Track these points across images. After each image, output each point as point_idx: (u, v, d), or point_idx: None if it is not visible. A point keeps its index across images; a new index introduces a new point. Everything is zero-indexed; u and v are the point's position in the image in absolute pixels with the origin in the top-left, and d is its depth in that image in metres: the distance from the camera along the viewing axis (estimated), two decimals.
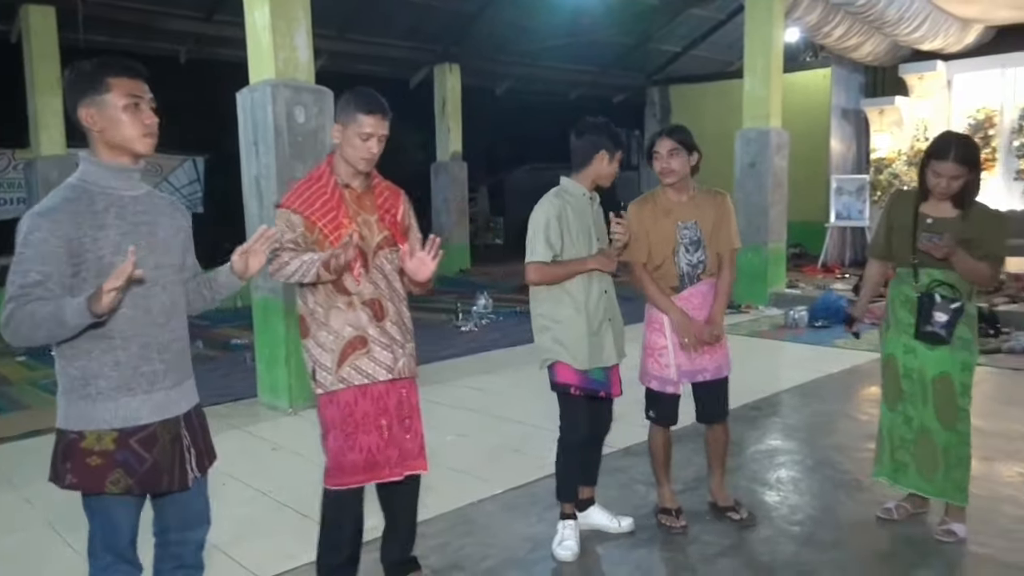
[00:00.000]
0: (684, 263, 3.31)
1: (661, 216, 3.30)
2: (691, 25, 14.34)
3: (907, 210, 3.23)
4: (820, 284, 10.50)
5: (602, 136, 3.11)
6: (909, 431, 3.29)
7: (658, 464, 3.52)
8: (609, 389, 3.23)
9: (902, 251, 3.23)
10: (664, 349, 3.35)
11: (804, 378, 6.12)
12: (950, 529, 3.23)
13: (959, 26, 10.77)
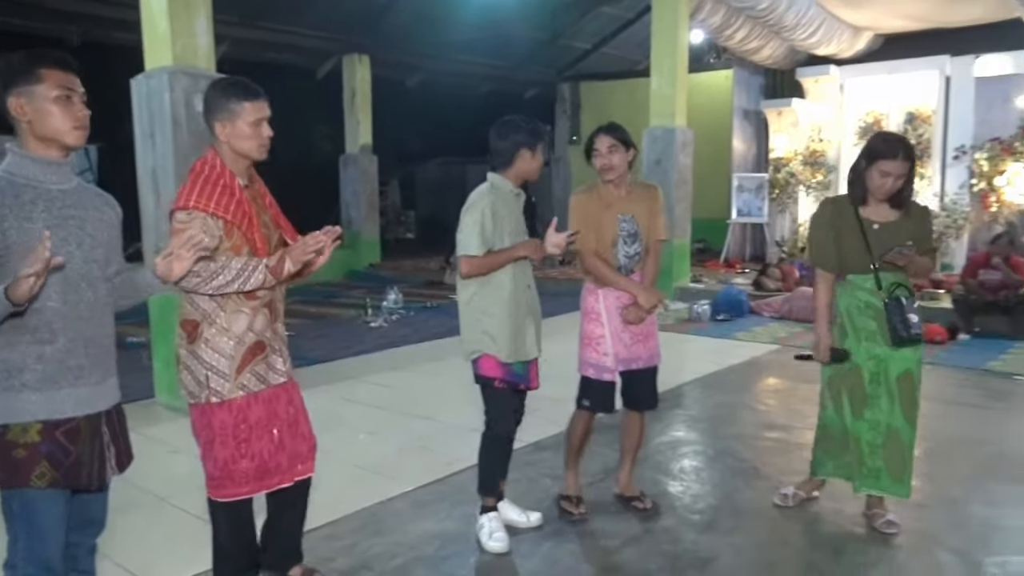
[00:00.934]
0: (622, 255, 3.40)
1: (603, 208, 3.38)
2: (601, 23, 14.58)
3: (850, 218, 3.25)
4: (722, 278, 10.87)
5: (521, 134, 3.15)
6: (878, 435, 3.28)
7: (573, 450, 3.59)
8: (528, 382, 3.30)
9: (856, 259, 3.23)
10: (602, 338, 3.43)
11: (706, 370, 6.34)
12: (890, 520, 3.36)
13: (851, 33, 11.34)
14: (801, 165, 12.23)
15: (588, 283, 3.50)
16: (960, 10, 10.30)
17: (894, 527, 3.33)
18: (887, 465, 3.27)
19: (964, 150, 11.09)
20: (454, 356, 3.29)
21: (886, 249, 3.16)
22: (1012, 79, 10.94)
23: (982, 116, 11.13)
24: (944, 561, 3.11)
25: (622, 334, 3.41)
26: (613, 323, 3.41)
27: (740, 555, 3.16)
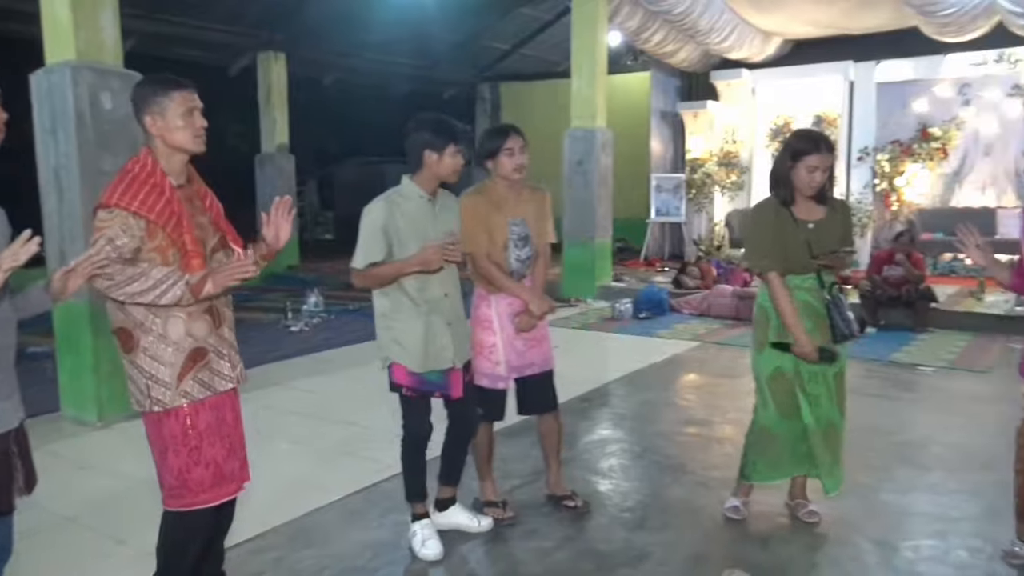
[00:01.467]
0: (514, 259, 3.36)
1: (493, 211, 3.32)
2: (520, 24, 14.64)
3: (784, 221, 3.25)
4: (643, 277, 11.08)
5: (425, 133, 3.01)
6: (820, 430, 3.32)
7: (482, 459, 3.55)
8: (447, 391, 3.20)
9: (797, 260, 3.23)
10: (494, 347, 3.39)
11: (630, 368, 6.43)
12: (812, 510, 3.45)
13: (761, 38, 11.73)
14: (716, 166, 12.59)
15: (479, 289, 3.42)
16: (862, 18, 10.78)
17: (816, 516, 3.44)
18: (830, 454, 3.36)
19: (867, 151, 11.64)
20: (377, 360, 3.22)
21: (823, 247, 3.21)
22: (910, 84, 11.54)
23: (883, 119, 11.70)
24: (863, 548, 3.23)
25: (515, 341, 3.38)
26: (506, 331, 3.37)
27: (672, 551, 3.21)
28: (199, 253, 2.37)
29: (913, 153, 11.38)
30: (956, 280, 9.95)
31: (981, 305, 8.34)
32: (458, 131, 3.07)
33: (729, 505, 3.53)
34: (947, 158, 11.31)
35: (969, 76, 11.09)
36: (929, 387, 5.91)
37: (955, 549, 3.21)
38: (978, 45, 10.38)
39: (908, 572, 3.04)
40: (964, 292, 9.04)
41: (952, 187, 11.50)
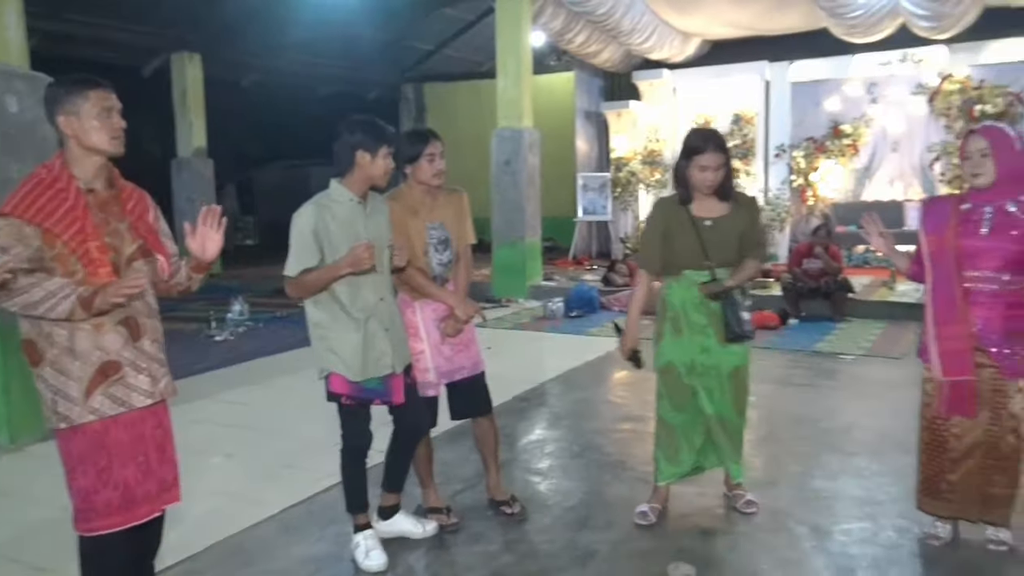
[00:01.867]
0: (436, 263, 3.34)
1: (410, 216, 3.29)
2: (443, 24, 14.59)
3: (680, 217, 3.30)
4: (572, 276, 11.20)
5: (358, 134, 2.95)
6: (713, 422, 3.40)
7: (422, 466, 3.51)
8: (388, 397, 3.16)
9: (691, 257, 3.28)
10: (421, 354, 3.36)
11: (565, 367, 6.48)
12: (750, 499, 3.53)
13: (681, 39, 12.01)
14: (640, 164, 12.82)
15: (403, 296, 3.37)
16: (777, 19, 11.16)
17: (754, 506, 3.53)
18: (718, 450, 3.49)
19: (784, 149, 12.07)
20: (311, 368, 3.16)
21: (720, 243, 3.26)
22: (822, 84, 12.02)
23: (798, 117, 12.16)
24: (799, 534, 3.34)
25: (442, 347, 3.36)
26: (432, 337, 3.35)
27: (616, 548, 3.25)
28: (106, 262, 2.27)
29: (826, 150, 11.86)
30: (869, 271, 10.41)
31: (893, 294, 8.75)
32: (390, 133, 3.04)
33: (639, 508, 3.50)
34: (858, 154, 11.82)
35: (876, 75, 11.62)
36: (850, 375, 6.16)
37: (884, 530, 3.35)
38: (884, 46, 10.88)
39: (841, 555, 3.15)
40: (877, 282, 9.46)
41: (863, 182, 12.02)
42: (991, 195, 2.91)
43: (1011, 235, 2.85)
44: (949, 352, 2.95)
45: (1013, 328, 2.89)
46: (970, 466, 3.02)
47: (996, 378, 2.93)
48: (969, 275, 2.92)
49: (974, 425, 2.99)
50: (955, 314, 2.92)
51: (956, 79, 10.96)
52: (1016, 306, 2.90)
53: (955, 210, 2.98)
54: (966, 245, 2.91)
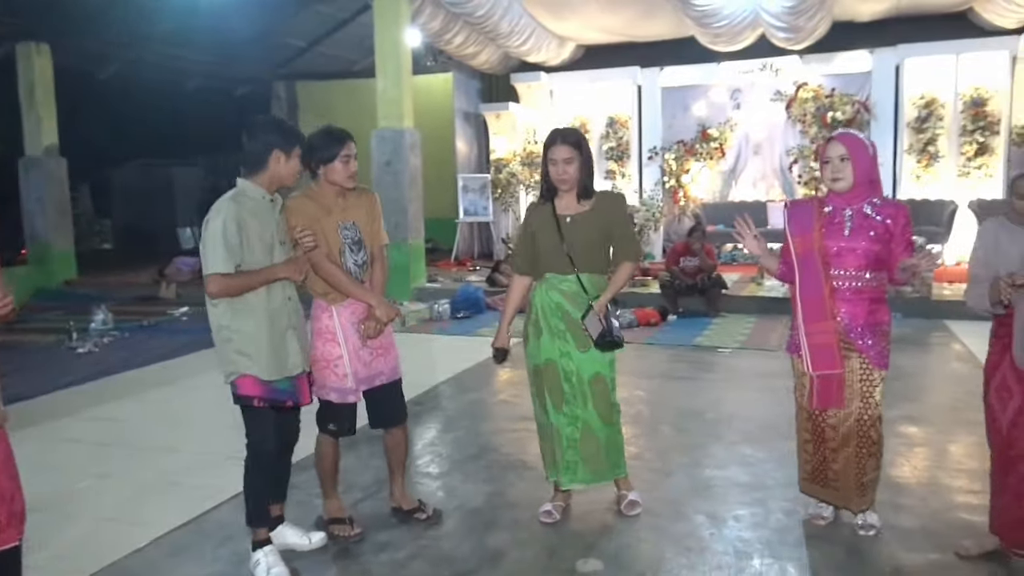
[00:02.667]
0: (351, 263, 3.28)
1: (323, 215, 3.23)
2: (316, 21, 14.15)
3: (545, 217, 3.34)
4: (456, 277, 11.17)
5: (273, 134, 2.98)
6: (576, 430, 3.40)
7: (327, 475, 3.42)
8: (297, 398, 3.11)
9: (554, 257, 3.31)
10: (339, 359, 3.27)
11: (457, 368, 6.46)
12: (632, 500, 3.56)
13: (557, 42, 12.24)
14: (520, 165, 12.97)
15: (319, 300, 3.30)
16: (647, 26, 11.59)
17: (636, 507, 3.54)
18: (583, 458, 3.40)
19: (656, 151, 12.53)
20: (189, 377, 3.04)
21: (579, 240, 3.27)
22: (691, 89, 12.59)
23: (668, 121, 12.67)
24: (698, 521, 3.47)
25: (360, 351, 3.29)
26: (351, 341, 3.27)
27: (525, 548, 3.26)
28: None
29: (695, 152, 12.44)
30: (738, 268, 10.98)
31: (762, 289, 9.26)
32: (302, 136, 3.05)
33: (543, 510, 3.50)
34: (724, 157, 12.48)
35: (739, 82, 12.29)
36: (728, 367, 6.47)
37: (773, 514, 3.53)
38: (746, 55, 11.52)
39: (737, 539, 3.30)
40: (747, 279, 9.99)
41: (730, 183, 12.70)
42: (849, 198, 3.11)
43: (869, 236, 3.06)
44: (817, 347, 3.11)
45: (874, 321, 3.11)
46: (848, 455, 3.20)
47: (865, 367, 3.12)
48: (834, 273, 3.10)
49: (847, 415, 3.16)
50: (822, 311, 3.10)
51: (810, 88, 11.76)
52: (877, 301, 3.12)
53: (818, 213, 3.16)
54: (830, 245, 3.10)
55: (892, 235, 3.06)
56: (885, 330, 3.14)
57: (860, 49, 11.45)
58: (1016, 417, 2.84)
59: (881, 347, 3.12)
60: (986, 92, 10.83)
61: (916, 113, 11.10)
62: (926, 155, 11.08)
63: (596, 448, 3.43)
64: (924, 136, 11.07)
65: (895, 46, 11.13)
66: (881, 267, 3.09)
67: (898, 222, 3.06)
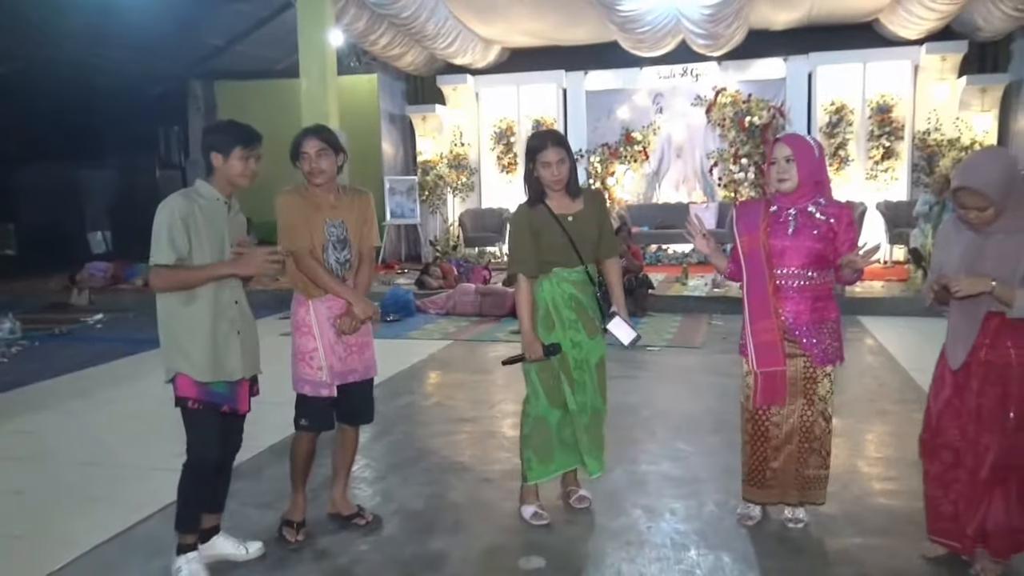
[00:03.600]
0: (333, 261, 3.27)
1: (312, 211, 3.24)
2: (235, 19, 13.78)
3: (545, 218, 3.37)
4: (384, 280, 11.05)
5: (212, 135, 3.02)
6: (586, 416, 3.48)
7: (299, 472, 3.39)
8: (234, 404, 3.04)
9: (561, 254, 3.36)
10: (315, 352, 3.26)
11: (389, 372, 6.38)
12: (582, 495, 3.64)
13: (483, 45, 12.28)
14: (447, 168, 12.94)
15: (298, 294, 3.33)
16: (571, 31, 11.75)
17: (586, 501, 3.64)
18: (593, 443, 3.54)
19: (582, 154, 12.68)
20: (106, 387, 2.94)
21: (585, 237, 3.39)
22: (614, 93, 12.82)
23: (593, 124, 12.87)
24: (636, 516, 3.54)
25: (335, 346, 3.29)
26: (326, 335, 3.28)
27: (468, 549, 3.26)
28: None
29: (620, 155, 12.67)
30: (662, 268, 11.24)
31: (686, 289, 9.51)
32: (249, 135, 3.00)
33: (529, 513, 3.51)
34: (648, 160, 12.74)
35: (661, 87, 12.58)
36: (658, 364, 6.61)
37: (707, 506, 3.63)
38: (668, 60, 11.82)
39: (674, 531, 3.38)
40: (671, 279, 10.23)
41: (653, 185, 12.98)
42: (795, 198, 3.20)
43: (813, 234, 3.15)
44: (762, 344, 3.20)
45: (818, 319, 3.19)
46: (790, 451, 3.28)
47: (808, 366, 3.22)
48: (778, 272, 3.19)
49: (790, 412, 3.25)
50: (767, 309, 3.19)
51: (728, 93, 12.14)
52: (821, 299, 3.20)
53: (765, 212, 3.25)
54: (775, 244, 3.19)
55: (836, 234, 3.14)
56: (833, 327, 3.22)
57: (775, 57, 11.91)
58: (944, 408, 2.95)
59: (826, 345, 3.19)
60: (891, 99, 11.43)
61: (827, 118, 11.61)
62: (837, 159, 11.60)
63: (599, 429, 3.57)
64: (835, 141, 11.59)
65: (807, 54, 11.62)
66: (825, 265, 3.17)
67: (842, 221, 3.14)
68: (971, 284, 2.68)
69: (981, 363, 2.80)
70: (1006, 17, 9.69)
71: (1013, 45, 10.92)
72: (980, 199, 2.68)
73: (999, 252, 2.72)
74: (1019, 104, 10.82)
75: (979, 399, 2.81)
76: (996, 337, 2.77)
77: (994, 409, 2.78)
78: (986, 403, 2.80)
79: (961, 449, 2.88)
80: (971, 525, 2.87)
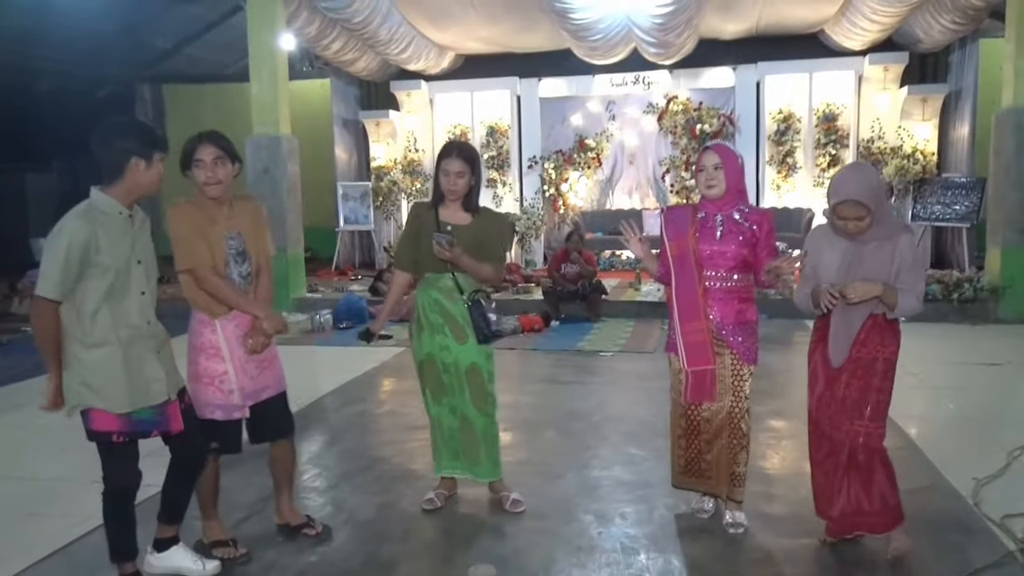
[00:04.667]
0: (236, 275, 3.16)
1: (208, 223, 3.09)
2: (184, 21, 13.54)
3: (429, 219, 3.49)
4: (338, 286, 10.95)
5: (131, 139, 2.74)
6: (455, 420, 3.61)
7: (208, 497, 3.27)
8: (166, 427, 2.89)
9: (433, 259, 3.43)
10: (224, 375, 3.13)
11: (341, 380, 6.33)
12: (515, 499, 3.64)
13: (437, 51, 12.24)
14: (401, 174, 12.87)
15: (200, 314, 3.15)
16: (525, 38, 11.79)
17: (520, 505, 3.63)
18: (464, 449, 3.63)
19: (536, 160, 12.75)
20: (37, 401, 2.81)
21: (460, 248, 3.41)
22: (568, 100, 12.89)
23: (547, 131, 12.92)
24: (587, 521, 3.55)
25: (247, 365, 3.18)
26: (236, 355, 3.15)
27: (417, 558, 3.24)
28: None
29: (573, 162, 12.74)
30: (616, 274, 11.32)
31: (639, 294, 9.59)
32: (163, 138, 2.84)
33: (426, 497, 3.70)
34: (601, 166, 12.84)
35: (614, 94, 12.69)
36: (610, 370, 6.66)
37: (657, 509, 3.66)
38: (620, 68, 11.93)
39: (624, 536, 3.40)
40: (624, 284, 10.31)
41: (607, 192, 13.09)
42: (721, 204, 3.33)
43: (738, 240, 3.29)
44: (692, 344, 3.31)
45: (743, 320, 3.32)
46: (721, 445, 3.39)
47: (735, 362, 3.33)
48: (707, 275, 3.31)
49: (720, 408, 3.36)
50: (696, 310, 3.30)
51: (680, 101, 12.31)
52: (745, 300, 3.35)
53: (693, 218, 3.37)
54: (703, 248, 3.31)
55: (758, 240, 3.28)
56: (753, 328, 3.37)
57: (724, 66, 12.10)
58: (819, 401, 3.17)
59: (750, 344, 3.34)
60: (836, 108, 11.71)
61: (775, 127, 11.84)
62: (785, 166, 11.84)
63: (474, 440, 3.61)
64: (783, 148, 11.83)
65: (756, 63, 11.84)
66: (748, 269, 3.32)
67: (763, 228, 3.29)
68: (865, 290, 2.89)
69: (852, 360, 3.05)
70: (945, 30, 10.01)
71: (952, 56, 11.28)
72: (860, 209, 2.88)
73: (875, 258, 2.97)
74: (957, 113, 11.18)
75: (846, 391, 3.06)
76: (867, 337, 3.02)
77: (857, 400, 3.04)
78: (851, 394, 3.05)
79: (833, 437, 3.11)
80: (836, 507, 3.14)
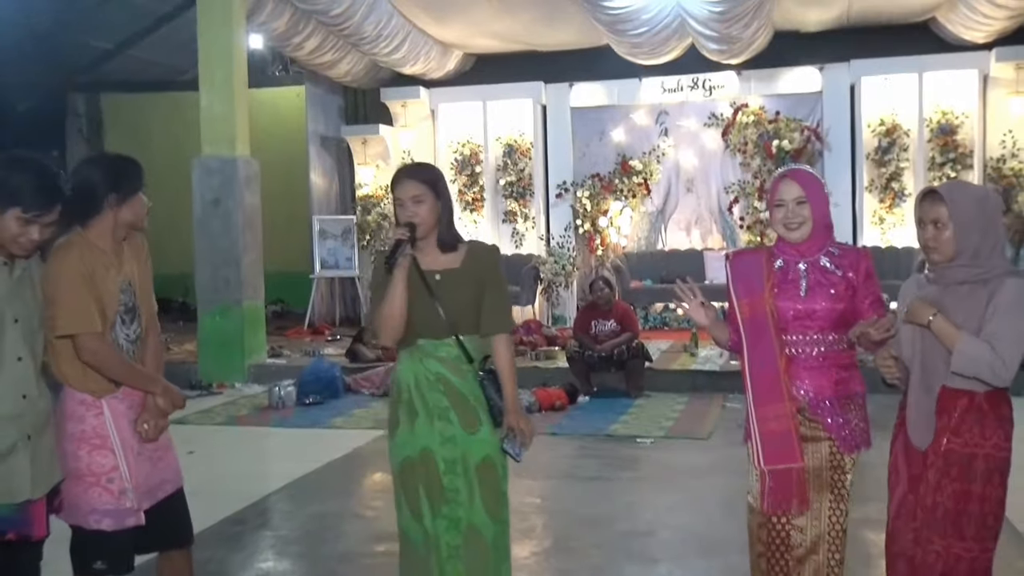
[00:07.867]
0: (123, 339, 3.14)
1: (102, 273, 3.06)
2: (128, 15, 13.91)
3: (412, 271, 3.19)
4: (308, 349, 10.98)
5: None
6: (457, 535, 3.25)
7: None
8: (25, 530, 2.87)
9: (427, 321, 3.19)
10: (114, 471, 3.06)
11: (298, 471, 6.28)
12: None
13: (440, 51, 12.44)
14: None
15: (77, 393, 3.08)
16: (550, 34, 11.93)
17: None
18: (468, 570, 3.27)
19: (566, 187, 12.77)
20: None
21: (455, 302, 3.19)
22: (608, 110, 12.96)
23: (581, 149, 12.97)
24: None
25: (141, 456, 3.14)
26: (128, 444, 3.10)
27: None
28: None
29: (615, 189, 12.70)
30: (668, 334, 11.23)
31: (695, 361, 9.48)
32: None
33: None
34: (650, 195, 12.78)
35: (666, 103, 12.72)
36: (649, 461, 6.53)
37: None
38: (674, 70, 12.01)
39: None
40: (678, 347, 10.21)
41: (658, 227, 13.02)
42: (804, 249, 3.18)
43: (830, 294, 3.13)
44: (770, 435, 3.13)
45: (843, 393, 3.16)
46: (816, 564, 3.17)
47: (834, 452, 3.15)
48: (790, 340, 3.16)
49: (818, 512, 3.17)
50: (776, 390, 3.13)
51: (751, 110, 12.30)
52: (845, 368, 3.18)
53: (768, 268, 3.22)
54: (785, 308, 3.15)
55: (856, 289, 3.14)
56: (859, 403, 3.21)
57: (808, 65, 12.11)
58: (899, 508, 3.03)
59: (853, 426, 3.16)
60: (955, 118, 11.59)
61: (876, 142, 11.76)
62: (890, 193, 11.74)
63: (483, 555, 3.29)
64: (887, 170, 11.73)
65: (848, 62, 11.82)
66: (847, 328, 3.15)
67: (860, 272, 3.15)
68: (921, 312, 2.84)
69: (942, 454, 2.88)
70: None
71: None
72: (940, 210, 2.82)
73: (965, 305, 2.86)
74: None
75: (936, 496, 2.89)
76: (961, 423, 2.86)
77: (954, 511, 2.86)
78: (943, 502, 2.87)
79: (915, 559, 2.94)
80: None
